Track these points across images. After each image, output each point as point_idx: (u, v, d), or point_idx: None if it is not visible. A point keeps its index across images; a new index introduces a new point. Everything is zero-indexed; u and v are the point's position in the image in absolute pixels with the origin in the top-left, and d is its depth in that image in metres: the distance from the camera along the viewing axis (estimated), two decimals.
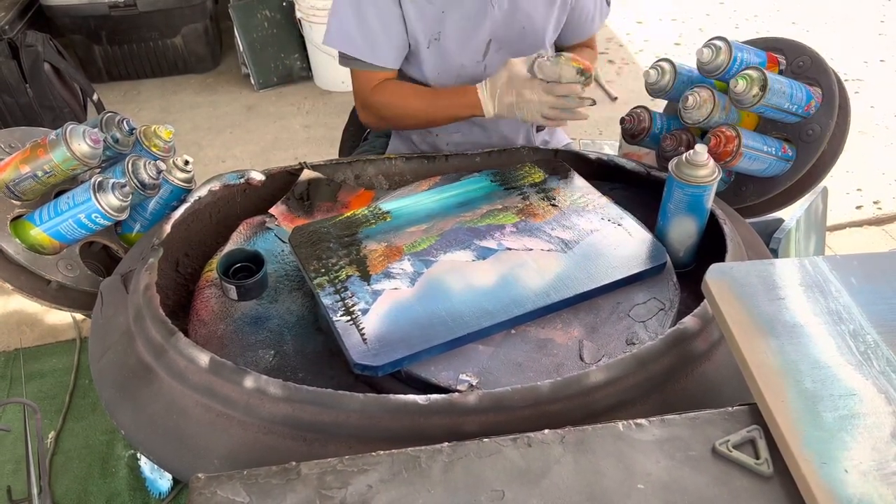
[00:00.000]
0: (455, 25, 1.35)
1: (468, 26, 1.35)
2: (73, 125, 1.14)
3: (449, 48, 1.38)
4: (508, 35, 1.39)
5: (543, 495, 0.68)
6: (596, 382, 0.84)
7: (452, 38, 1.36)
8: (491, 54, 1.41)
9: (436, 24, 1.34)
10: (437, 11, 1.33)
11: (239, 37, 3.13)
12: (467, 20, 1.35)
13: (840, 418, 0.71)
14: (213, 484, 0.70)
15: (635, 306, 1.02)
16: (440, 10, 1.33)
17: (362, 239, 1.11)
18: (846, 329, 0.80)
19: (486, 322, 0.95)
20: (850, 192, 2.49)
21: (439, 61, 1.40)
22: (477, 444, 0.73)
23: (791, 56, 1.30)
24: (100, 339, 1.04)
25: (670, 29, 3.75)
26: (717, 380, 0.91)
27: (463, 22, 1.35)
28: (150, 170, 1.20)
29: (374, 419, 0.82)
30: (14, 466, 1.63)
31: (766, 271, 0.87)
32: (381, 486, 0.70)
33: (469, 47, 1.39)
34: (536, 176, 1.25)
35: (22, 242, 1.15)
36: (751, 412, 0.75)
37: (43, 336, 1.99)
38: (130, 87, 3.32)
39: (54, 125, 1.20)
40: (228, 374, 0.86)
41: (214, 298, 1.10)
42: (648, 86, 1.34)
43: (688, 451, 0.72)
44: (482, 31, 1.37)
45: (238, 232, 1.22)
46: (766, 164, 1.24)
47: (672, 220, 1.10)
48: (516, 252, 1.07)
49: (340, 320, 0.96)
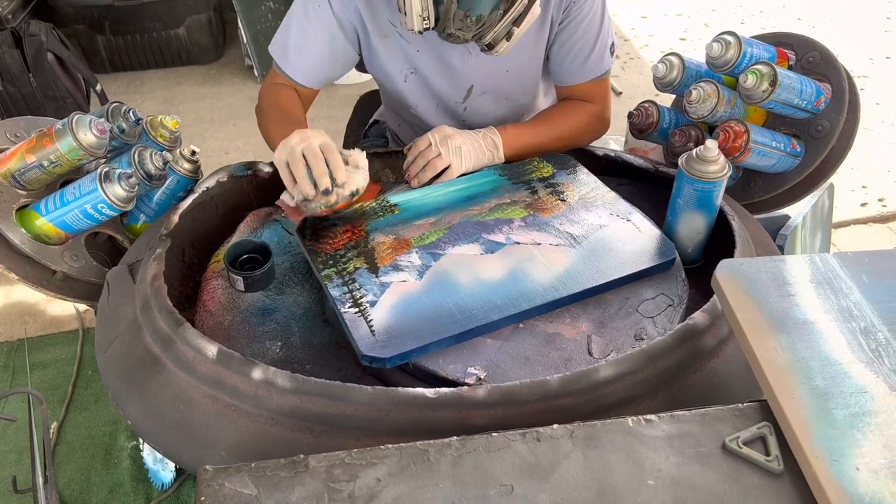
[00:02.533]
0: (431, 64, 1.31)
1: (445, 70, 1.32)
2: (80, 115, 1.13)
3: (426, 83, 1.35)
4: (493, 80, 1.34)
5: (553, 490, 0.68)
6: (605, 377, 0.84)
7: (429, 76, 1.33)
8: (473, 98, 1.36)
9: (412, 59, 1.31)
10: (413, 49, 1.29)
11: (242, 28, 3.12)
12: (444, 64, 1.31)
13: (851, 416, 0.70)
14: (222, 476, 0.70)
15: (644, 302, 1.01)
16: (415, 49, 1.29)
17: (370, 231, 1.10)
18: (857, 326, 0.79)
19: (494, 316, 0.95)
20: (854, 189, 2.49)
21: (417, 95, 1.37)
22: (486, 439, 0.73)
23: (801, 51, 1.29)
24: (106, 329, 1.04)
25: (675, 24, 3.74)
26: (725, 376, 0.91)
27: (438, 62, 1.31)
28: (156, 160, 1.20)
29: (382, 412, 0.82)
30: (17, 456, 1.63)
31: (777, 267, 0.86)
32: (389, 480, 0.69)
33: (449, 89, 1.35)
34: (545, 170, 1.24)
35: (27, 232, 1.15)
36: (761, 409, 0.75)
37: (46, 326, 1.99)
38: (133, 77, 3.31)
39: (57, 115, 1.19)
40: (236, 366, 0.86)
41: (221, 289, 1.10)
42: (657, 80, 1.33)
43: (698, 448, 0.72)
44: (461, 76, 1.32)
45: (245, 223, 1.22)
46: (774, 159, 1.24)
47: (681, 216, 1.10)
48: (524, 246, 1.07)
49: (348, 312, 0.95)
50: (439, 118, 1.40)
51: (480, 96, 1.36)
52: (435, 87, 1.35)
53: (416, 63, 1.31)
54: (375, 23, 1.26)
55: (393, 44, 1.29)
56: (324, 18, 1.26)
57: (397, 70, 1.33)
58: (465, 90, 1.35)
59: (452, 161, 1.22)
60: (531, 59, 1.34)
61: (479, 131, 1.28)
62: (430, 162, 1.22)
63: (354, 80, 3.17)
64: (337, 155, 1.07)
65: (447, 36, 1.14)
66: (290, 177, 1.07)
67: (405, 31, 1.24)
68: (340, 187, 1.07)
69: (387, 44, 1.29)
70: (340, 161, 1.07)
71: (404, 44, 1.28)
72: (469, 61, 1.30)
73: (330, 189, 1.06)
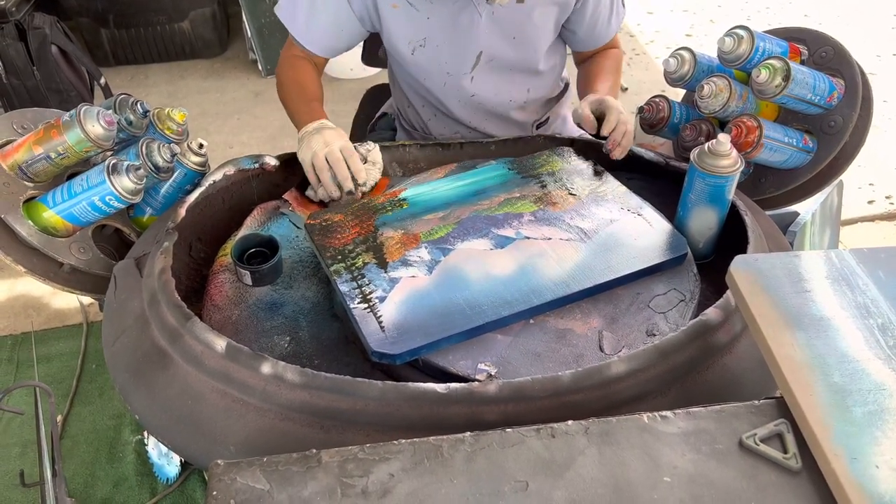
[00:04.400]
0: (441, 32, 1.31)
1: (455, 35, 1.31)
2: (88, 106, 1.12)
3: (435, 56, 1.34)
4: (499, 46, 1.34)
5: (568, 487, 0.68)
6: (617, 373, 0.83)
7: (439, 45, 1.33)
8: (481, 66, 1.36)
9: (421, 30, 1.31)
10: (423, 18, 1.29)
11: (247, 22, 3.11)
12: (454, 29, 1.30)
13: (870, 413, 0.69)
14: (233, 470, 0.69)
15: (655, 297, 1.00)
16: (425, 17, 1.29)
17: (379, 226, 1.10)
18: (875, 323, 0.78)
19: (504, 311, 0.94)
20: (861, 186, 2.47)
21: (425, 68, 1.37)
22: (500, 435, 0.72)
23: (813, 46, 1.28)
24: (113, 323, 1.03)
25: (681, 20, 3.72)
26: (738, 372, 0.90)
27: (449, 29, 1.30)
28: (164, 153, 1.19)
29: (392, 407, 0.81)
30: (21, 450, 1.63)
31: (792, 263, 0.85)
32: (402, 475, 0.69)
33: (457, 57, 1.35)
34: (554, 164, 1.23)
35: (34, 224, 1.14)
36: (778, 406, 0.74)
37: (50, 320, 1.99)
38: (137, 71, 3.30)
39: (62, 108, 1.18)
40: (245, 360, 0.85)
41: (229, 283, 1.09)
42: (667, 74, 1.32)
43: (714, 445, 0.71)
44: (470, 42, 1.32)
45: (252, 217, 1.21)
46: (786, 155, 1.23)
47: (693, 211, 1.09)
48: (535, 241, 1.06)
49: (357, 308, 0.94)
50: (448, 91, 1.41)
51: (488, 64, 1.37)
52: (443, 58, 1.35)
53: (425, 32, 1.31)
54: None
55: (402, 14, 1.29)
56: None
57: (405, 42, 1.33)
58: (473, 57, 1.35)
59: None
60: (537, 30, 1.35)
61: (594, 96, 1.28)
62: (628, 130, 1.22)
63: (359, 75, 3.16)
64: (357, 159, 1.19)
65: None
66: (315, 176, 1.20)
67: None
68: (363, 186, 1.20)
69: (395, 14, 1.29)
70: (360, 164, 1.19)
71: (414, 13, 1.28)
72: (479, 26, 1.30)
73: (353, 190, 1.18)
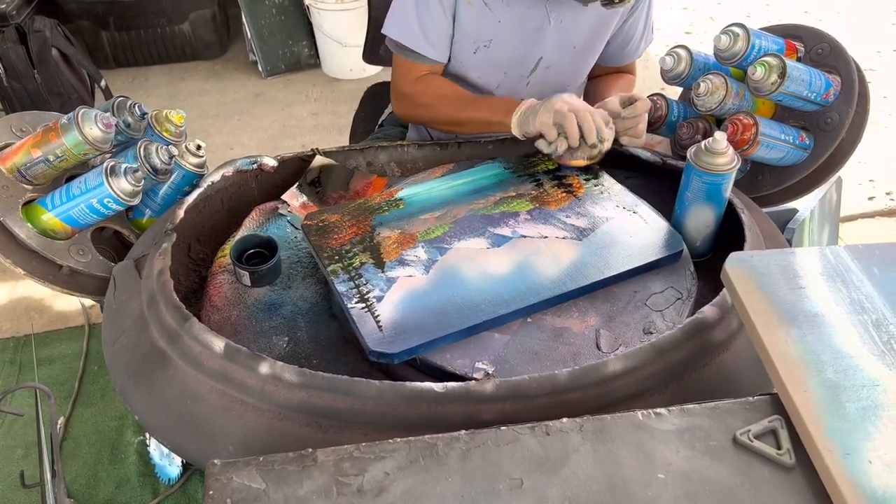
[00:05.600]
0: (509, 36, 1.32)
1: (522, 39, 1.33)
2: (85, 109, 1.13)
3: (497, 57, 1.35)
4: (559, 54, 1.36)
5: (562, 484, 0.68)
6: (614, 371, 0.83)
7: (503, 48, 1.34)
8: (538, 71, 1.38)
9: (489, 31, 1.31)
10: (494, 20, 1.30)
11: (247, 23, 3.12)
12: (522, 33, 1.32)
13: (863, 409, 0.70)
14: (230, 470, 0.69)
15: (652, 295, 1.01)
16: (497, 19, 1.29)
17: (376, 226, 1.10)
18: (869, 319, 0.79)
19: (501, 310, 0.94)
20: (862, 182, 2.47)
21: (483, 68, 1.38)
22: (495, 433, 0.73)
23: (810, 43, 1.28)
24: (113, 324, 1.03)
25: (681, 18, 3.72)
26: (735, 370, 0.90)
27: (517, 34, 1.32)
28: (162, 154, 1.19)
29: (390, 406, 0.81)
30: (23, 451, 1.64)
31: (787, 260, 0.86)
32: (398, 474, 0.69)
33: (518, 61, 1.36)
34: (550, 163, 1.24)
35: (33, 227, 1.15)
36: (772, 402, 0.75)
37: (52, 322, 2.00)
38: (138, 73, 3.31)
39: (62, 111, 1.19)
40: (244, 360, 0.85)
41: (227, 284, 1.09)
42: (664, 72, 1.33)
43: (708, 441, 0.71)
44: (535, 47, 1.34)
45: (251, 218, 1.22)
46: (783, 152, 1.23)
47: (689, 209, 1.09)
48: (531, 239, 1.06)
49: (355, 307, 0.95)
50: (500, 92, 1.41)
51: (545, 71, 1.39)
52: (504, 60, 1.36)
53: (492, 35, 1.32)
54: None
55: (475, 12, 1.30)
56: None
57: (471, 41, 1.34)
58: (533, 62, 1.37)
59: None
60: (596, 40, 1.38)
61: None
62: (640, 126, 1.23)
63: (359, 76, 3.17)
64: (599, 116, 1.17)
65: None
66: (555, 132, 1.17)
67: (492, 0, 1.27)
68: (602, 142, 1.17)
69: (470, 11, 1.30)
70: (602, 121, 1.17)
71: (487, 13, 1.29)
72: (546, 32, 1.32)
73: (597, 143, 1.16)
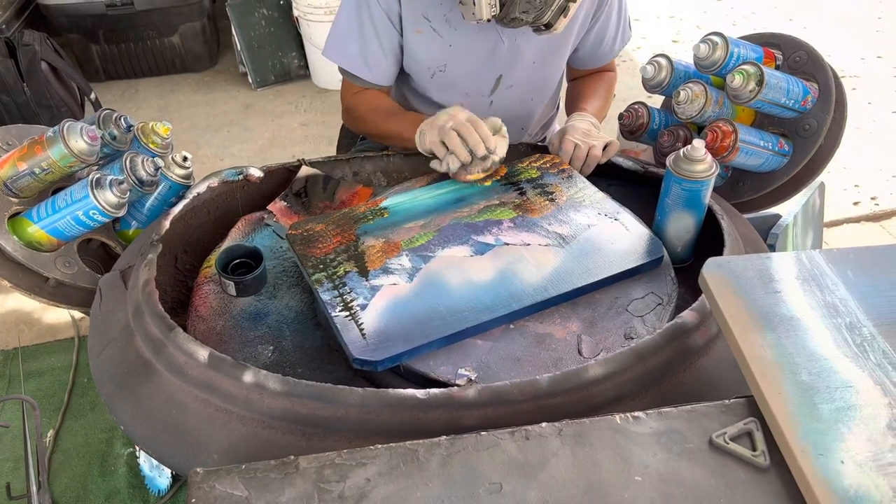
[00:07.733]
0: (462, 59, 1.33)
1: (477, 60, 1.33)
2: (71, 122, 1.14)
3: (454, 80, 1.36)
4: (519, 71, 1.37)
5: (541, 488, 0.69)
6: (595, 376, 0.84)
7: (459, 70, 1.35)
8: (501, 90, 1.39)
9: (442, 56, 1.32)
10: (445, 44, 1.30)
11: (236, 35, 3.13)
12: (476, 55, 1.32)
13: (836, 410, 0.71)
14: (212, 478, 0.70)
15: (633, 301, 1.02)
16: (447, 44, 1.30)
17: (360, 235, 1.11)
18: (843, 322, 0.80)
19: (484, 317, 0.95)
20: (847, 188, 2.50)
21: (443, 91, 1.39)
22: (475, 438, 0.73)
23: (787, 51, 1.30)
24: (99, 335, 1.04)
25: (668, 26, 3.76)
26: (715, 374, 0.91)
27: (471, 56, 1.32)
28: (147, 166, 1.20)
29: (373, 413, 0.82)
30: (13, 464, 1.63)
31: (763, 265, 0.87)
32: (379, 480, 0.70)
33: (476, 81, 1.37)
34: (533, 171, 1.25)
35: (19, 239, 1.15)
36: (748, 404, 0.76)
37: (41, 334, 1.99)
38: (128, 85, 3.31)
39: (51, 124, 1.20)
40: (228, 369, 0.86)
41: (213, 294, 1.10)
42: (645, 81, 1.34)
43: (685, 444, 0.72)
44: (492, 67, 1.35)
45: (237, 228, 1.22)
46: (763, 158, 1.25)
47: (670, 216, 1.10)
48: (514, 247, 1.08)
49: (339, 316, 0.96)
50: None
51: (507, 90, 1.39)
52: (462, 81, 1.37)
53: (446, 59, 1.33)
54: (412, 18, 1.28)
55: (425, 38, 1.30)
56: (376, 18, 1.29)
57: (425, 67, 1.35)
58: (493, 81, 1.38)
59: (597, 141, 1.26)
60: (556, 53, 1.38)
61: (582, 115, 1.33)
62: (591, 154, 1.25)
63: None
64: (484, 126, 1.17)
65: (510, 21, 1.17)
66: (443, 148, 1.18)
67: (440, 25, 1.27)
68: (493, 153, 1.18)
69: (419, 39, 1.31)
70: (488, 131, 1.17)
71: (437, 38, 1.30)
72: (500, 52, 1.33)
73: (487, 155, 1.17)
